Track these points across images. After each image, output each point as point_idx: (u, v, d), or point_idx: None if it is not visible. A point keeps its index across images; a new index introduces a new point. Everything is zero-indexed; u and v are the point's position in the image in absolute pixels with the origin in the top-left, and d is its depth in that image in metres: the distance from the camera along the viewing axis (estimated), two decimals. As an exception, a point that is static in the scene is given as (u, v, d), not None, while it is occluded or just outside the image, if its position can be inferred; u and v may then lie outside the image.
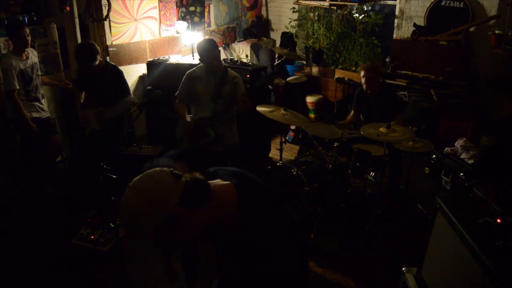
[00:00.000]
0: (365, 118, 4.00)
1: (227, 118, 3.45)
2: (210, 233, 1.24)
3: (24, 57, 3.61)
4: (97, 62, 3.60)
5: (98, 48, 3.64)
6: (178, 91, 3.49)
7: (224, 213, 1.20)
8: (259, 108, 3.52)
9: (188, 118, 3.46)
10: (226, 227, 1.21)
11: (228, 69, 3.44)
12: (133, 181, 1.17)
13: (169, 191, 1.13)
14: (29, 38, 3.56)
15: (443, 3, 5.18)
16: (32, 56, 3.73)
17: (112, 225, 3.37)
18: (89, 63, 3.56)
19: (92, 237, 3.38)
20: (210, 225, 1.19)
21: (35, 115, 3.71)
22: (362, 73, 3.81)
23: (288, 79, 5.94)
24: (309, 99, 5.86)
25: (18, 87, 3.52)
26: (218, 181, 1.26)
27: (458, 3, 5.07)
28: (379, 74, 3.92)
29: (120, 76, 3.74)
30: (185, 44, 5.64)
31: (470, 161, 4.11)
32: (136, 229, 1.14)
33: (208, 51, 3.25)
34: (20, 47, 3.56)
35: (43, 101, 3.84)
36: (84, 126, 3.77)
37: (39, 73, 3.83)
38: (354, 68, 5.92)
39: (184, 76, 3.48)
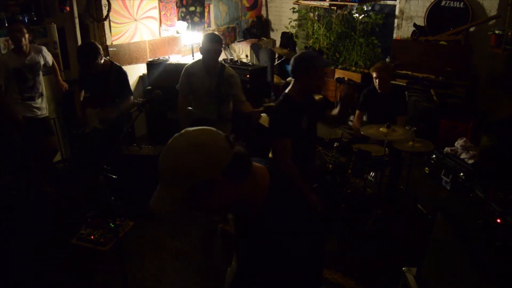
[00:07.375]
0: (370, 118, 3.90)
1: (227, 116, 3.45)
2: (237, 210, 1.24)
3: (23, 55, 3.60)
4: (101, 61, 3.55)
5: (100, 47, 3.63)
6: (179, 85, 3.47)
7: (256, 192, 1.20)
8: (262, 121, 3.49)
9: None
10: (254, 207, 1.21)
11: (226, 66, 3.38)
12: (187, 131, 1.13)
13: (222, 155, 1.10)
14: (21, 36, 3.53)
15: (443, 3, 5.18)
16: (35, 55, 3.70)
17: (112, 225, 3.36)
18: (91, 63, 3.53)
19: (92, 237, 3.38)
20: (241, 201, 1.19)
21: (28, 114, 3.72)
22: (376, 74, 3.69)
23: (288, 79, 5.94)
24: (309, 99, 5.85)
25: (1, 83, 3.56)
26: (253, 163, 1.26)
27: (458, 3, 5.07)
28: (391, 73, 3.87)
29: (125, 77, 3.70)
30: (185, 44, 5.64)
31: (470, 161, 4.10)
32: (173, 178, 1.08)
33: (207, 42, 3.22)
34: (14, 45, 3.59)
35: (39, 100, 3.81)
36: (84, 125, 3.76)
37: (41, 72, 3.81)
38: (354, 68, 5.92)
39: (183, 70, 3.46)
